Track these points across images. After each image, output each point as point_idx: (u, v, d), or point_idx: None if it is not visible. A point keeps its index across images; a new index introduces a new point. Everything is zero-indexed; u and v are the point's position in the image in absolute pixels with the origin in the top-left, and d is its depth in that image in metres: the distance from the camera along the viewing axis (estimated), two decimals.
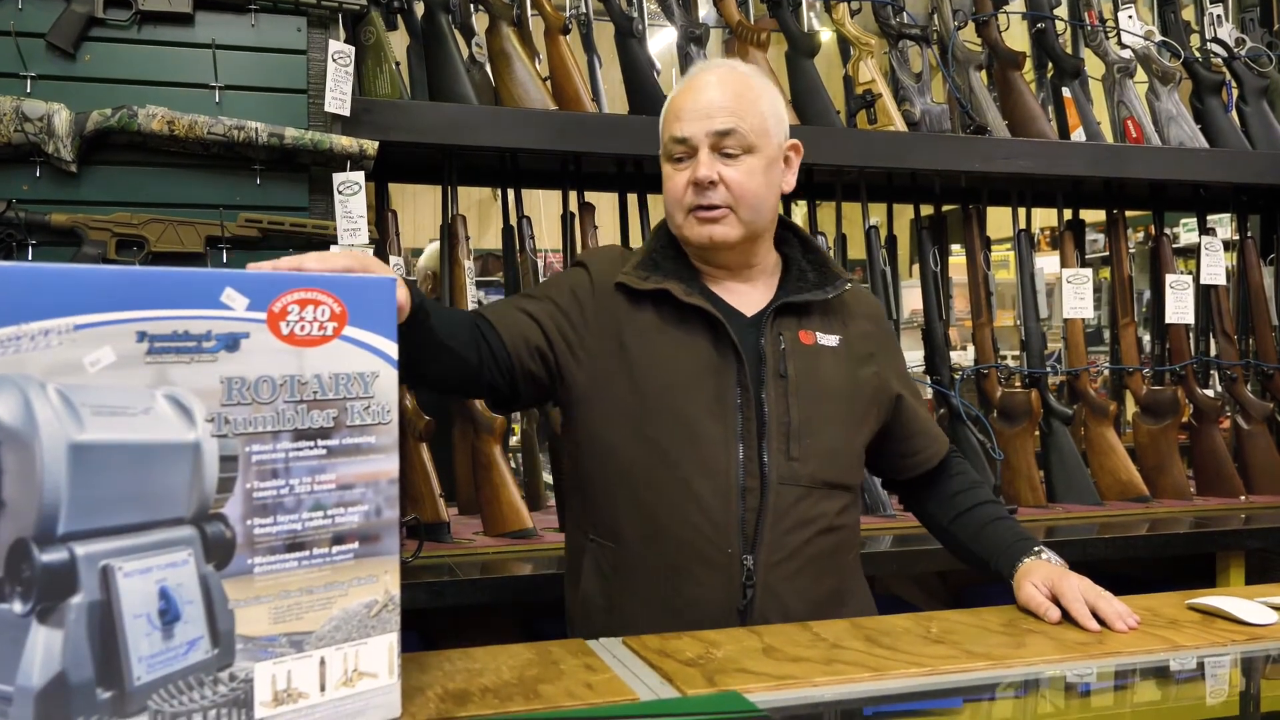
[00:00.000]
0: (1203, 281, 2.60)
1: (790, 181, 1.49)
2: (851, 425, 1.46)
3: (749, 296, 1.48)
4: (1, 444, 0.72)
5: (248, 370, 0.84)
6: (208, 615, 0.83)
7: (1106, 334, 2.98)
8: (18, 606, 0.73)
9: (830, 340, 1.46)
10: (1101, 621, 1.26)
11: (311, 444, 0.89)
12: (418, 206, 5.75)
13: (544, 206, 3.11)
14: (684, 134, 1.40)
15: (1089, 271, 2.51)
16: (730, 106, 1.40)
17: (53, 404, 0.74)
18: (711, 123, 1.39)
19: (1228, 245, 2.78)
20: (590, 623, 1.41)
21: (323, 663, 0.90)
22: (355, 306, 0.90)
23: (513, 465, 2.24)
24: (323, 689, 0.90)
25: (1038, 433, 2.45)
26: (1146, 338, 3.30)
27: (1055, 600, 1.31)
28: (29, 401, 0.73)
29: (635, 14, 2.24)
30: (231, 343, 0.83)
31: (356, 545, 0.92)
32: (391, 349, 0.94)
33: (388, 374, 0.93)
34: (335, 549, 0.90)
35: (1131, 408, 2.61)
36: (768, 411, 1.39)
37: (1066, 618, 1.28)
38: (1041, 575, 1.34)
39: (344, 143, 1.76)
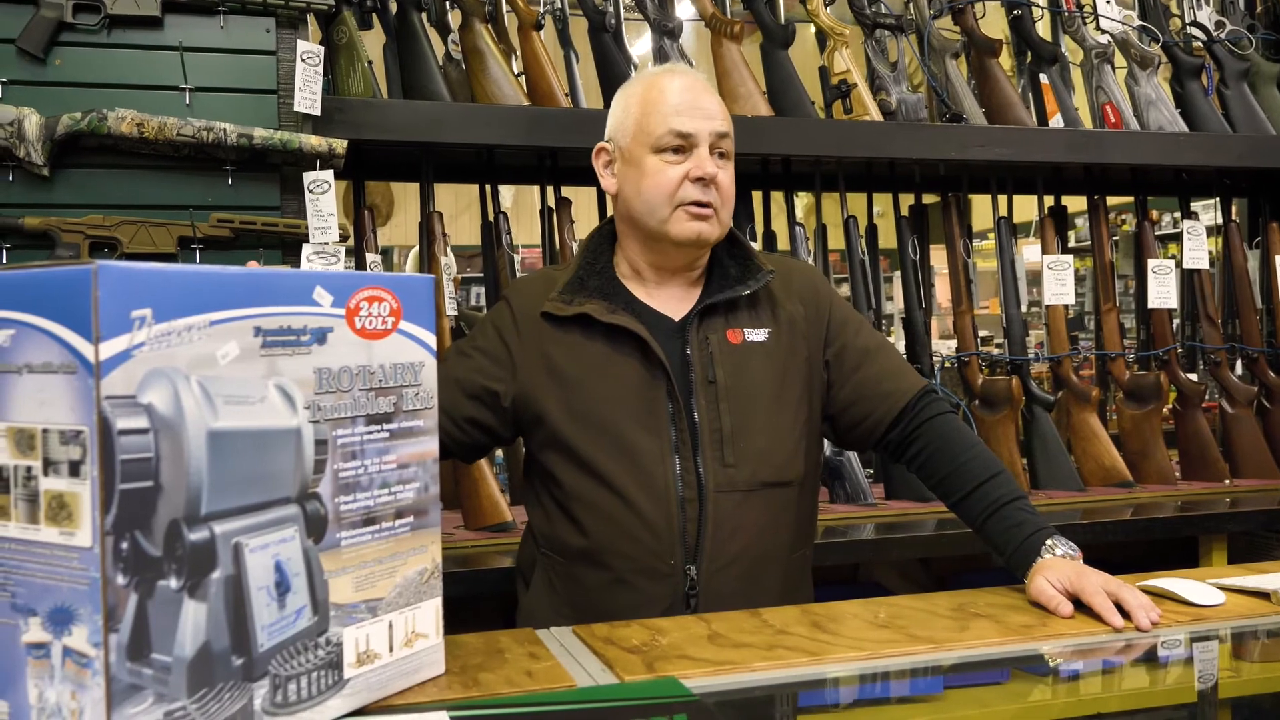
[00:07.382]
0: (1185, 266, 2.59)
1: None
2: (786, 420, 1.45)
3: (678, 300, 1.48)
4: (158, 432, 0.79)
5: (333, 361, 0.93)
6: (309, 586, 0.91)
7: (1090, 320, 2.97)
8: (174, 582, 0.80)
9: (759, 335, 1.46)
10: (1124, 614, 1.20)
11: (379, 428, 0.98)
12: (411, 204, 5.74)
13: (535, 203, 3.12)
14: (690, 129, 1.42)
15: (1070, 258, 2.50)
16: (723, 113, 1.47)
17: (195, 394, 0.81)
18: (714, 123, 1.44)
19: (1213, 230, 2.77)
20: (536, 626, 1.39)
21: (390, 626, 0.99)
22: (408, 303, 1.00)
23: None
24: (390, 649, 0.99)
25: (1020, 420, 2.45)
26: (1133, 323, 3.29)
27: (1074, 597, 1.25)
28: (178, 393, 0.80)
29: (609, 8, 2.24)
30: (321, 336, 0.92)
31: (412, 519, 1.01)
32: (432, 341, 1.03)
33: (430, 363, 1.03)
34: (398, 522, 0.99)
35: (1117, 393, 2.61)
36: (699, 420, 1.40)
37: (1085, 612, 1.23)
38: (1058, 574, 1.28)
39: (313, 142, 1.78)
